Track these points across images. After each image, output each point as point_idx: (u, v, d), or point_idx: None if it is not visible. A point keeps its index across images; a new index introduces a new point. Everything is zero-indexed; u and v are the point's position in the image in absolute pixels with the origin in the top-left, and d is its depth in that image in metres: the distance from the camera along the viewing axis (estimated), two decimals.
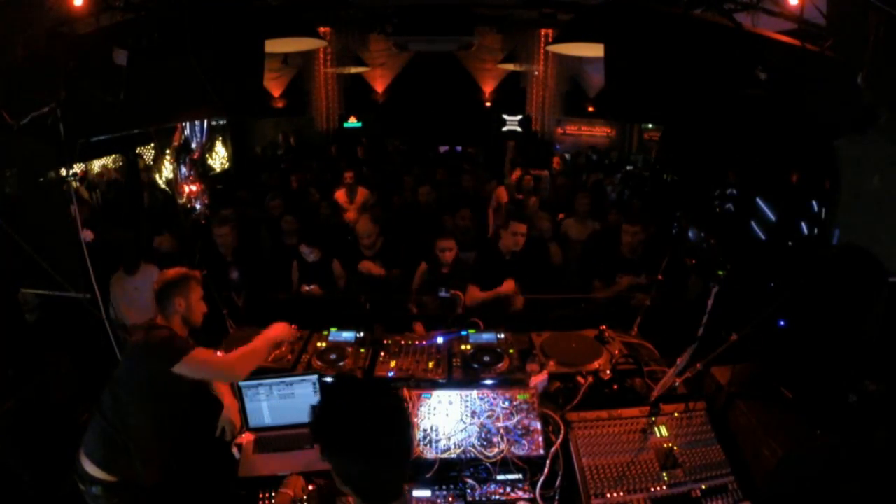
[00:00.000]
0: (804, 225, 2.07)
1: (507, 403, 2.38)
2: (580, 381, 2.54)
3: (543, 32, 8.41)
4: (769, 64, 2.47)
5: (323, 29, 7.11)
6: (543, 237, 4.88)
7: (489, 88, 10.70)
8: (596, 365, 2.66)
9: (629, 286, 3.84)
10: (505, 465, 2.17)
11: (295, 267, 4.16)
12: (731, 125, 2.32)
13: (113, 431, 2.22)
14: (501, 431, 2.27)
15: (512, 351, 2.77)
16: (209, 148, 9.13)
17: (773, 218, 2.06)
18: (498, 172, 7.27)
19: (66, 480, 2.30)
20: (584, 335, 2.94)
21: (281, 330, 2.56)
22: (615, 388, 2.52)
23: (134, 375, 2.26)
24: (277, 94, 9.75)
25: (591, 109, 9.68)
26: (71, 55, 2.39)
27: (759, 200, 2.06)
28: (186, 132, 3.24)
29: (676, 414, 2.35)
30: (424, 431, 2.28)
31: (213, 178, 8.67)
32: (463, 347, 2.82)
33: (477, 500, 2.11)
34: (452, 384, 2.55)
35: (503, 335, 2.91)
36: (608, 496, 2.07)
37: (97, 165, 8.34)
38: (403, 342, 2.90)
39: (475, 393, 2.43)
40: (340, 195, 6.20)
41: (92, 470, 2.20)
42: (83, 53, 2.47)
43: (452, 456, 2.20)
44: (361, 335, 2.97)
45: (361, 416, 1.27)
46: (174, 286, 2.38)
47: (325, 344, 2.91)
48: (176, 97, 2.71)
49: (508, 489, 2.12)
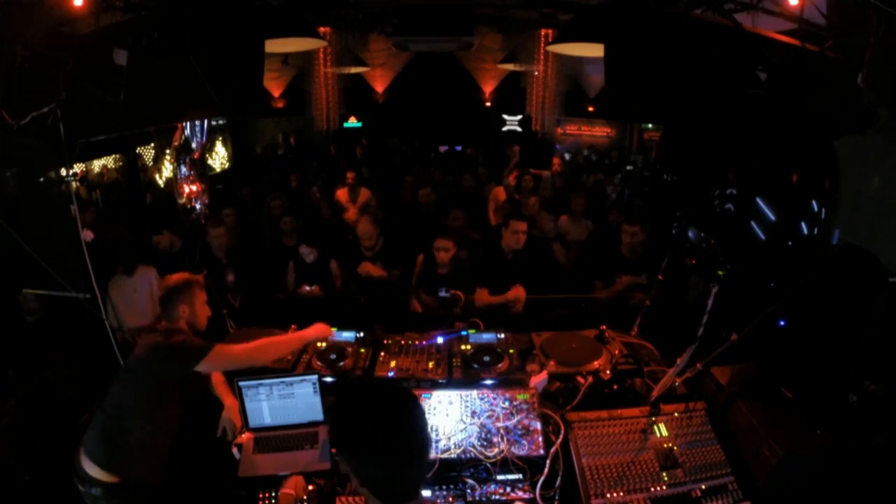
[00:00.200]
0: (804, 225, 2.06)
1: (507, 403, 2.38)
2: (580, 381, 2.54)
3: (543, 32, 8.39)
4: (769, 64, 2.47)
5: (323, 29, 7.08)
6: (547, 237, 4.88)
7: (489, 88, 10.68)
8: (596, 365, 2.67)
9: (629, 286, 3.85)
10: (505, 465, 2.17)
11: (291, 268, 4.16)
12: (731, 125, 2.32)
13: (116, 431, 2.22)
14: (501, 431, 2.27)
15: (512, 351, 2.77)
16: (209, 148, 9.15)
17: (773, 218, 2.05)
18: (497, 173, 7.28)
19: (66, 481, 2.30)
20: (584, 335, 2.95)
21: (320, 330, 2.61)
22: (615, 388, 2.53)
23: (150, 375, 2.27)
24: (277, 94, 9.74)
25: (591, 109, 9.66)
26: (71, 55, 2.39)
27: (759, 200, 2.06)
28: (186, 132, 3.24)
29: (676, 414, 2.35)
30: None
31: (213, 178, 8.67)
32: (463, 347, 2.82)
33: (477, 500, 2.11)
34: (452, 384, 2.56)
35: (503, 335, 2.92)
36: (608, 496, 2.07)
37: (97, 165, 8.35)
38: (403, 342, 2.90)
39: (475, 393, 2.43)
40: (342, 194, 6.20)
41: (92, 470, 2.19)
42: (83, 53, 2.46)
43: (452, 456, 2.20)
44: (361, 335, 2.97)
45: (385, 421, 1.25)
46: (178, 293, 2.39)
47: (324, 344, 2.91)
48: (176, 97, 2.71)
49: (508, 489, 2.12)
